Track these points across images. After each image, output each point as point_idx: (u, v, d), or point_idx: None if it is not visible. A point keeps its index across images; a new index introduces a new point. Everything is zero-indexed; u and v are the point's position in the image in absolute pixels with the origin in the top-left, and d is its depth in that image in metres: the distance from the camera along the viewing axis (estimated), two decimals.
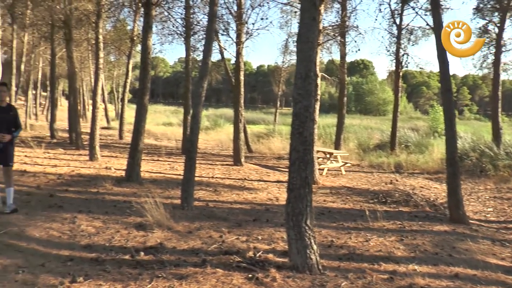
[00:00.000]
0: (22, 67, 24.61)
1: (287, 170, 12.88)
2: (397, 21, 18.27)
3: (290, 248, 4.74)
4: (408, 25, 18.55)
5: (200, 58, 18.27)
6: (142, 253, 5.01)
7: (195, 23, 15.56)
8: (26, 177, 9.99)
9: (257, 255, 4.95)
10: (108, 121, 32.96)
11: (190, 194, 7.34)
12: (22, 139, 16.51)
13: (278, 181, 11.26)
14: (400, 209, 8.60)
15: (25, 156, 13.52)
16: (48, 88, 40.97)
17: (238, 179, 11.37)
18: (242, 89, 14.30)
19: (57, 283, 4.03)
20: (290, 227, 4.72)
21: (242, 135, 14.34)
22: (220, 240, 5.68)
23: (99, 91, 14.04)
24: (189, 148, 7.38)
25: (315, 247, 4.68)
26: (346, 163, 13.74)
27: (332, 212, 8.01)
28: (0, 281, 3.89)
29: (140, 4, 11.91)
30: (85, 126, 21.46)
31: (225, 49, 16.07)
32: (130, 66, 22.19)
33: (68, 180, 10.06)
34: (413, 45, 20.28)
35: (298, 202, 4.67)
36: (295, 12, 15.23)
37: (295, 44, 5.32)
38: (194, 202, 7.59)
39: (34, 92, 39.74)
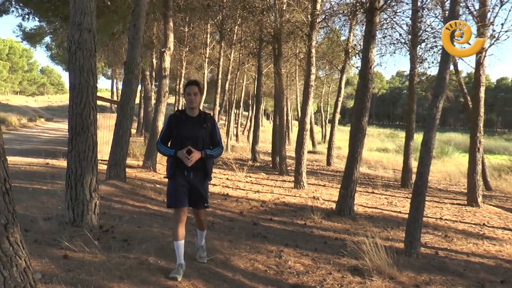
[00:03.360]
0: (227, 85, 27.52)
1: None
2: None
3: None
4: None
5: (427, 71, 17.79)
6: None
7: (423, 28, 15.23)
8: (229, 202, 11.06)
9: None
10: (313, 144, 34.27)
11: (416, 238, 7.06)
12: (224, 161, 18.38)
13: None
14: None
15: (227, 179, 14.98)
16: (250, 107, 44.98)
17: (475, 224, 10.55)
18: (482, 110, 13.34)
19: None
20: None
21: (479, 167, 13.33)
22: None
23: (309, 111, 14.72)
24: (417, 181, 7.13)
25: None
26: None
27: None
28: None
29: (361, 11, 12.16)
30: (288, 149, 22.77)
31: (461, 59, 15.27)
32: (343, 83, 22.78)
33: (272, 208, 10.77)
34: None
35: None
36: None
37: None
38: (420, 248, 7.29)
39: (235, 111, 43.85)
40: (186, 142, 4.90)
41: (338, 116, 24.35)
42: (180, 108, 33.67)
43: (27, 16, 18.64)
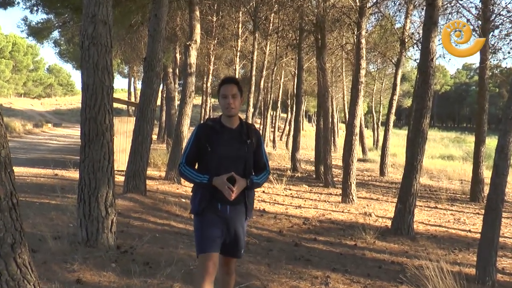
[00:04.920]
0: (262, 83, 27.46)
1: None
2: None
3: None
4: None
5: (502, 63, 17.43)
6: None
7: (497, 12, 14.93)
8: (266, 219, 11.05)
9: None
10: (364, 151, 33.92)
11: (491, 263, 6.90)
12: None
13: None
14: None
15: (263, 192, 14.95)
16: (289, 109, 44.85)
17: None
18: None
19: None
20: None
21: None
22: None
23: (358, 112, 14.60)
24: (491, 194, 6.98)
25: None
26: None
27: None
28: None
29: None
30: (334, 157, 22.62)
31: None
32: (399, 78, 22.48)
33: (317, 226, 10.71)
34: None
35: None
36: None
37: None
38: (497, 275, 7.11)
39: (271, 113, 43.67)
40: (223, 163, 3.92)
41: (392, 117, 24.01)
42: (208, 113, 33.29)
43: (35, 8, 19.04)
